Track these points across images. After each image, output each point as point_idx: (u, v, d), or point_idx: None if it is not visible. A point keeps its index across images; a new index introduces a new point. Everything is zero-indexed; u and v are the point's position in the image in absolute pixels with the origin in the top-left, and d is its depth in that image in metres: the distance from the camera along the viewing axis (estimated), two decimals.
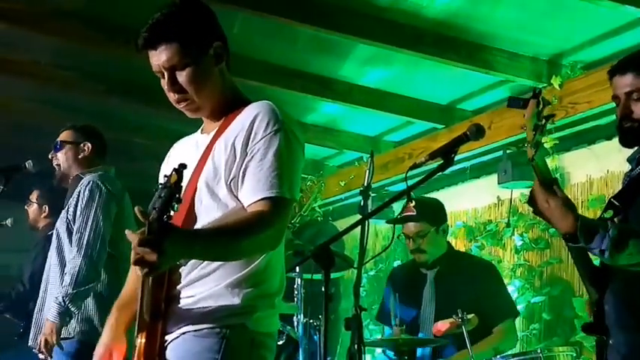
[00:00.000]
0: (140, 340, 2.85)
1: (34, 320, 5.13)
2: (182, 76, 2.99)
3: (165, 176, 2.66)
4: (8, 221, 6.53)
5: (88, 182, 5.03)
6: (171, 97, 3.05)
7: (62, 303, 4.77)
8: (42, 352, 4.82)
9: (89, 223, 4.90)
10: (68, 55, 7.37)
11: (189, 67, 2.98)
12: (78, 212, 4.96)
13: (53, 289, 4.98)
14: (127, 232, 2.61)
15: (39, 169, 5.38)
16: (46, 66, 7.58)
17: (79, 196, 5.00)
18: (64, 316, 4.80)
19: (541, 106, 3.43)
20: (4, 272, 11.06)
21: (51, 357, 4.84)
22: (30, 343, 5.13)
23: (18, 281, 6.71)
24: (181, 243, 2.65)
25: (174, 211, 2.65)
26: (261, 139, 2.93)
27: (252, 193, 2.90)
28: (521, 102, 3.52)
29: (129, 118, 8.70)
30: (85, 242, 4.85)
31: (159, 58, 2.98)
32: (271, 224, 2.87)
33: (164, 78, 3.01)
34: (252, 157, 2.92)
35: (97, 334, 4.99)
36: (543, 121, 3.41)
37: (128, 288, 3.24)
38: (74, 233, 4.93)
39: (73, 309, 4.81)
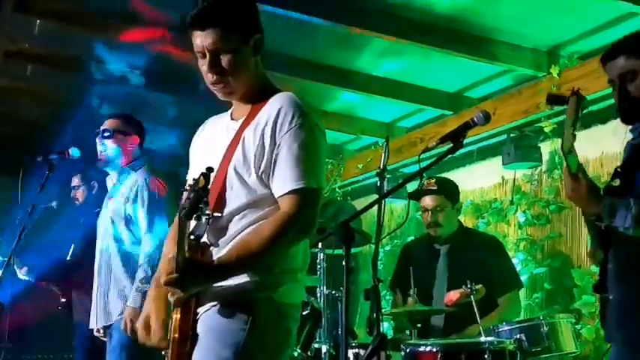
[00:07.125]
0: (175, 316, 2.89)
1: (94, 302, 5.07)
2: (224, 60, 3.00)
3: (194, 179, 2.73)
4: (54, 203, 6.56)
5: (144, 179, 5.07)
6: (209, 77, 3.05)
7: (143, 290, 4.74)
8: (124, 331, 4.80)
9: (156, 217, 4.97)
10: (110, 51, 7.38)
11: (230, 52, 2.99)
12: (143, 209, 4.99)
13: (119, 275, 4.99)
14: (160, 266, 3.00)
15: (80, 155, 5.38)
16: (88, 61, 7.58)
17: (137, 193, 5.03)
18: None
19: (580, 102, 3.40)
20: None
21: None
22: (92, 326, 5.10)
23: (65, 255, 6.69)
24: (205, 280, 2.87)
25: (203, 214, 2.78)
26: (287, 131, 2.93)
27: (282, 186, 2.92)
28: (561, 99, 3.49)
29: (167, 109, 8.71)
30: (157, 234, 4.92)
31: (204, 39, 2.98)
32: (297, 220, 2.90)
33: (204, 58, 3.03)
34: (280, 150, 2.93)
35: None
36: (580, 114, 3.40)
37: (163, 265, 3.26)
38: (146, 229, 4.96)
39: None
